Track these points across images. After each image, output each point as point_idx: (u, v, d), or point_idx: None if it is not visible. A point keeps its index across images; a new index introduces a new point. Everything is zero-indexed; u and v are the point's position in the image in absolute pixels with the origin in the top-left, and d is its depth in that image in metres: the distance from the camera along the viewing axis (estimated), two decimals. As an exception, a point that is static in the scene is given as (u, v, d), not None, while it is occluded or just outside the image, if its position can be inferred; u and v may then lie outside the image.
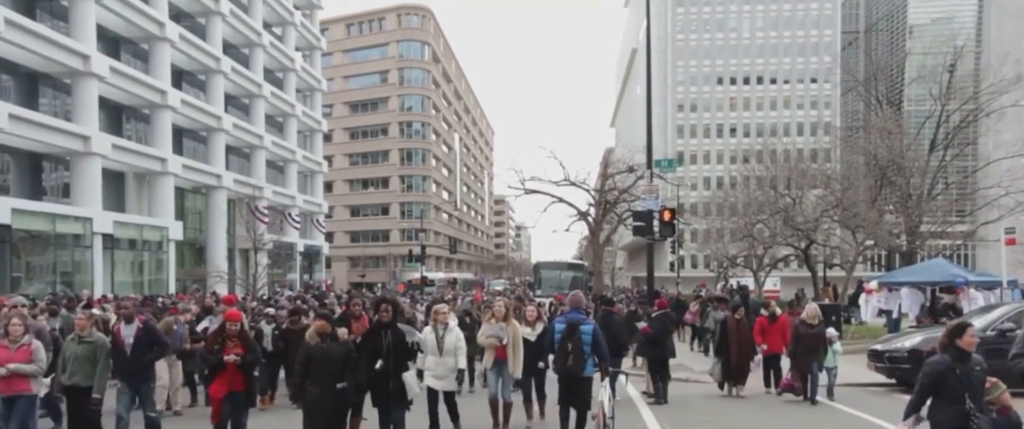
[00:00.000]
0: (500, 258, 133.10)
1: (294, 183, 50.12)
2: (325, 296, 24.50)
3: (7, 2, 26.87)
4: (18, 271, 26.68)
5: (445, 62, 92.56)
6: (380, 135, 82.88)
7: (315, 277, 53.50)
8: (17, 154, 28.38)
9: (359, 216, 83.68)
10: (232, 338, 7.46)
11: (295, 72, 50.42)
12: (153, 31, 33.94)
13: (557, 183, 37.41)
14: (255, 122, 44.45)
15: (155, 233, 34.37)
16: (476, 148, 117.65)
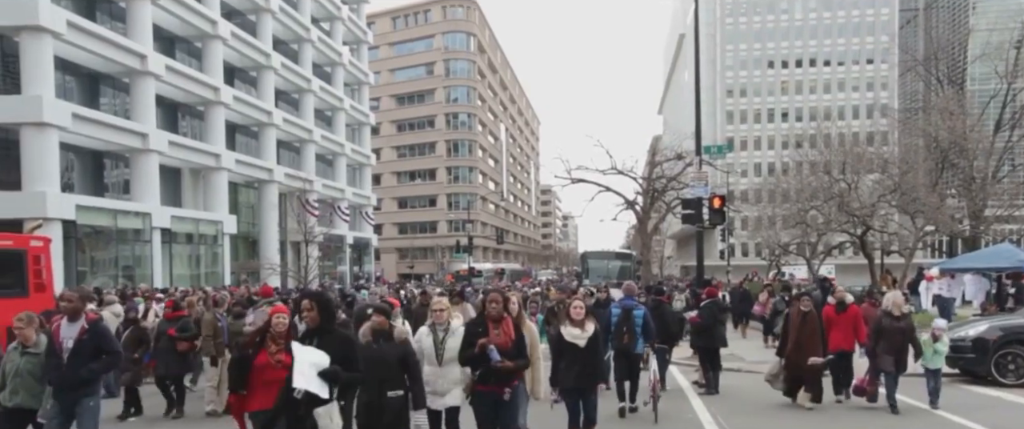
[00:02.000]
0: (547, 248, 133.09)
1: (343, 176, 50.87)
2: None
3: (70, 5, 27.87)
4: (83, 265, 27.71)
5: (490, 52, 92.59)
6: (427, 127, 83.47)
7: (364, 269, 54.31)
8: (80, 152, 29.45)
9: (407, 208, 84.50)
10: (278, 339, 5.57)
11: (343, 66, 51.09)
12: (206, 29, 34.76)
13: (604, 172, 37.10)
14: (305, 116, 45.22)
15: (210, 227, 35.31)
16: (522, 138, 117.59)
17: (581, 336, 6.87)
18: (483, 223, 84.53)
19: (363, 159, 55.66)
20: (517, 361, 6.01)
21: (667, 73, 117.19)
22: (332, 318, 5.39)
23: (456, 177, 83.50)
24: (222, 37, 35.50)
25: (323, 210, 43.97)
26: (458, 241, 59.31)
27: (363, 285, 24.10)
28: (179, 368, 10.35)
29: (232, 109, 36.68)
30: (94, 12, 30.10)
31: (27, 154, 25.16)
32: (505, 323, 6.10)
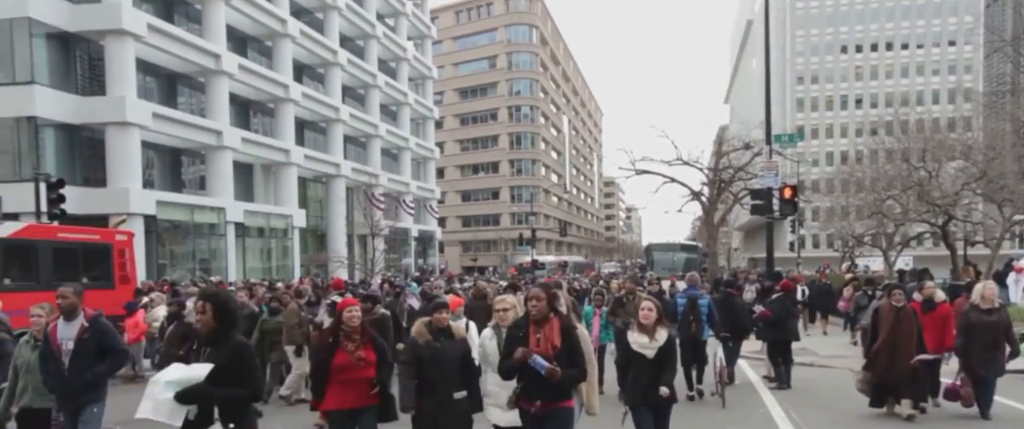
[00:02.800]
0: (611, 240, 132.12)
1: (408, 170, 51.58)
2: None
3: (150, 8, 29.10)
4: (163, 258, 28.95)
5: (553, 44, 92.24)
6: (490, 120, 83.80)
7: (429, 262, 54.99)
8: (160, 150, 30.74)
9: (470, 201, 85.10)
10: (353, 335, 5.25)
11: (407, 61, 51.76)
12: (276, 28, 35.73)
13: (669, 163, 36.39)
14: (370, 112, 46.03)
15: (281, 221, 36.37)
16: (585, 130, 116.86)
17: (649, 346, 5.75)
18: (546, 216, 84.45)
19: (427, 153, 56.30)
20: (563, 371, 4.74)
21: (734, 61, 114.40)
22: (231, 322, 4.37)
23: (519, 170, 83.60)
24: (291, 36, 36.43)
25: (388, 204, 44.73)
26: (521, 234, 59.45)
27: (422, 277, 24.17)
28: None
29: (301, 106, 37.64)
30: (172, 14, 31.34)
31: (111, 152, 26.41)
32: (549, 327, 4.91)
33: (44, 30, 25.07)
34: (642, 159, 37.23)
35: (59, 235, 14.13)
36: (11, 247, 12.81)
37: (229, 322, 4.37)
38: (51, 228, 15.06)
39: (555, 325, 4.95)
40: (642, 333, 5.83)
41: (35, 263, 13.02)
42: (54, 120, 25.31)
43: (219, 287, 17.57)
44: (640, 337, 5.83)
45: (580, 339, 5.35)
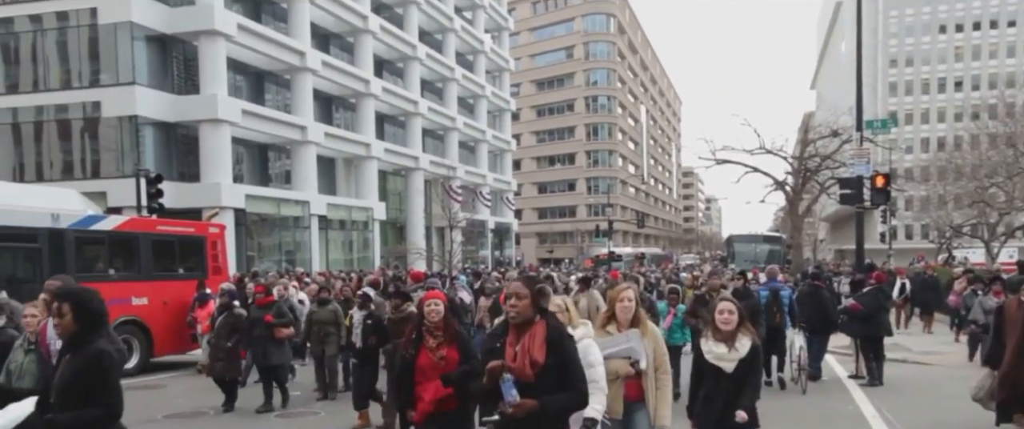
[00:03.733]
0: (689, 232, 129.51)
1: (485, 162, 51.96)
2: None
3: (239, 9, 30.31)
4: (251, 250, 30.17)
5: (631, 33, 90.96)
6: (566, 111, 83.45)
7: (505, 254, 55.29)
8: (248, 145, 32.02)
9: (546, 193, 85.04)
10: (436, 331, 4.69)
11: (484, 54, 52.10)
12: (358, 24, 36.58)
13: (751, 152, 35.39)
14: (448, 105, 46.58)
15: (362, 214, 37.32)
16: (663, 119, 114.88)
17: (728, 357, 4.62)
18: (623, 207, 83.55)
19: (504, 145, 56.57)
20: (546, 398, 3.39)
21: (821, 45, 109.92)
22: (94, 325, 3.64)
23: (596, 161, 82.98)
24: (372, 31, 37.22)
25: (466, 196, 45.17)
26: (598, 225, 59.04)
27: (482, 270, 23.88)
28: (279, 357, 9.55)
29: (381, 100, 38.44)
30: (260, 14, 32.55)
31: (205, 148, 27.69)
32: (531, 335, 3.51)
33: (144, 33, 26.51)
34: (723, 148, 36.06)
35: (158, 228, 14.85)
36: (116, 239, 13.55)
37: (92, 325, 3.64)
38: (151, 221, 15.85)
39: (539, 333, 3.49)
40: (719, 341, 4.69)
41: (136, 254, 13.73)
42: (153, 119, 26.74)
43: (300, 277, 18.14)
44: (716, 346, 4.69)
45: (649, 342, 4.65)
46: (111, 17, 25.73)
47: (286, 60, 31.36)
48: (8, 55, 27.47)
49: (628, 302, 4.70)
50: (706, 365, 4.75)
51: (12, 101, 27.03)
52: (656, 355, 4.75)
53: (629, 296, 4.72)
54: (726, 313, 4.74)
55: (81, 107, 26.63)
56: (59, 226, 12.23)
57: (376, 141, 37.82)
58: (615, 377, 4.53)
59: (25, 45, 27.23)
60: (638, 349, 4.63)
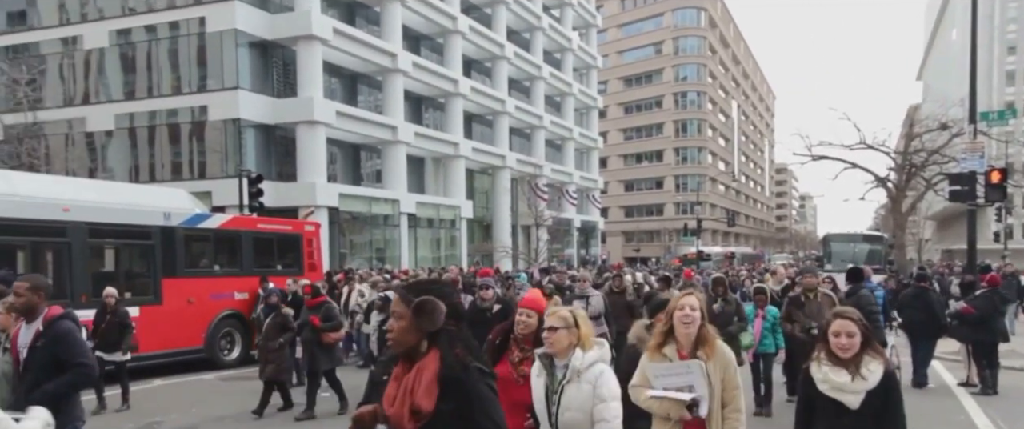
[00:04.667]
0: (782, 231, 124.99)
1: (571, 160, 51.82)
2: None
3: (335, 13, 31.41)
4: (344, 248, 31.18)
5: (722, 27, 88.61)
6: (654, 108, 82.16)
7: (591, 252, 54.95)
8: (342, 146, 33.12)
9: (633, 191, 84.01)
10: (523, 345, 4.03)
11: (572, 51, 51.95)
12: (448, 25, 37.20)
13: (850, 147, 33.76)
14: (535, 103, 46.71)
15: (449, 212, 37.93)
16: (755, 115, 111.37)
17: (851, 388, 3.42)
18: (712, 205, 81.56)
19: (590, 143, 56.25)
20: None
21: (929, 34, 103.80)
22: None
23: (684, 158, 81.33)
24: (461, 32, 37.77)
25: (552, 194, 45.18)
26: (686, 224, 57.87)
27: (549, 268, 22.65)
28: (327, 362, 9.10)
29: (469, 100, 38.96)
30: (354, 18, 33.60)
31: (301, 149, 28.83)
32: (418, 372, 2.46)
33: (247, 40, 27.86)
34: (820, 144, 34.49)
35: (259, 226, 15.57)
36: (220, 236, 14.30)
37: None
38: (252, 219, 16.64)
39: (428, 369, 2.43)
40: (837, 366, 3.47)
41: (239, 251, 14.45)
42: (254, 121, 28.05)
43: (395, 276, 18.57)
44: (834, 372, 3.46)
45: (717, 368, 3.68)
46: (218, 25, 27.18)
47: (378, 62, 32.26)
48: (126, 64, 29.42)
49: (691, 312, 3.72)
50: (820, 398, 3.52)
51: (129, 107, 28.96)
52: (725, 386, 3.70)
53: (692, 304, 3.75)
54: (844, 337, 3.44)
55: (189, 111, 28.24)
56: (170, 224, 13.01)
57: (464, 140, 38.36)
58: (666, 418, 3.71)
59: (141, 54, 29.11)
60: (700, 386, 3.63)
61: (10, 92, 26.77)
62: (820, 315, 7.35)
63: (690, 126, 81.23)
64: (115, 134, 29.24)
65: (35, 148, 25.88)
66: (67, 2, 29.94)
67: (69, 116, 29.08)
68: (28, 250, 11.70)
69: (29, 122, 25.83)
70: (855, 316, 3.56)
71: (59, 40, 29.72)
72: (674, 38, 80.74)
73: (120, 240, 12.72)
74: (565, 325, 3.55)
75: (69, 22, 29.77)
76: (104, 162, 29.37)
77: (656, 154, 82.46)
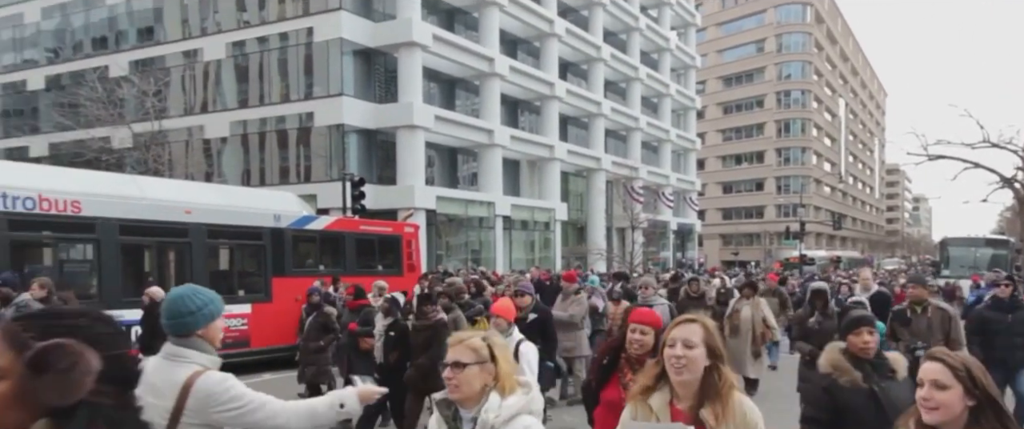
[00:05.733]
0: (892, 234, 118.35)
1: (668, 162, 51.00)
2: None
3: (434, 20, 32.22)
4: (440, 249, 31.89)
5: (829, 22, 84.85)
6: (755, 108, 79.63)
7: (687, 255, 53.87)
8: (439, 149, 33.89)
9: (732, 193, 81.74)
10: (636, 366, 3.36)
11: (670, 52, 51.13)
12: (544, 29, 37.41)
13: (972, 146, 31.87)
14: (631, 105, 46.26)
15: (544, 214, 38.11)
16: (865, 113, 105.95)
17: None
18: (816, 207, 78.17)
19: (688, 144, 55.18)
20: None
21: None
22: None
23: (787, 159, 78.41)
24: (558, 35, 37.89)
25: (647, 197, 44.64)
26: (788, 227, 55.70)
27: (622, 272, 19.23)
28: (363, 369, 7.95)
29: (565, 102, 39.02)
30: (453, 23, 34.34)
31: (401, 153, 29.71)
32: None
33: (351, 48, 28.99)
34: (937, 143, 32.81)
35: (361, 227, 16.20)
36: (325, 237, 14.97)
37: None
38: (355, 221, 17.32)
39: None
40: None
41: (342, 251, 15.10)
42: (357, 126, 29.13)
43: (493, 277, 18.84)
44: None
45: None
46: (325, 35, 28.42)
47: (476, 66, 32.82)
48: (240, 74, 31.20)
49: (686, 351, 2.51)
50: None
51: (242, 115, 30.69)
52: None
53: (688, 339, 2.53)
54: (929, 388, 2.13)
55: (297, 118, 29.65)
56: (280, 226, 13.70)
57: (559, 143, 38.46)
58: None
59: (253, 64, 30.80)
60: None
61: (139, 103, 28.88)
62: (929, 334, 6.42)
63: (793, 126, 78.26)
64: (229, 140, 31.05)
65: (160, 154, 27.75)
66: (190, 17, 32.05)
67: (189, 124, 31.09)
68: (154, 249, 12.66)
69: (155, 130, 27.78)
70: (956, 362, 2.12)
71: (181, 53, 31.85)
72: (777, 35, 77.99)
73: (234, 240, 13.50)
74: (476, 360, 2.38)
75: (190, 36, 31.83)
76: (219, 167, 31.19)
77: (756, 155, 79.95)
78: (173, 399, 2.44)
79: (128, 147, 28.11)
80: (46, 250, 11.43)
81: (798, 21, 77.91)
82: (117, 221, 11.10)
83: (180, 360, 2.54)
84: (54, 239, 10.91)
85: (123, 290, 11.28)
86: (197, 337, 2.59)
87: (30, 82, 35.62)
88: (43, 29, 35.64)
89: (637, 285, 9.84)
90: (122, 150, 28.19)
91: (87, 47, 34.50)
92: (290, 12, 29.68)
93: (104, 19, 34.11)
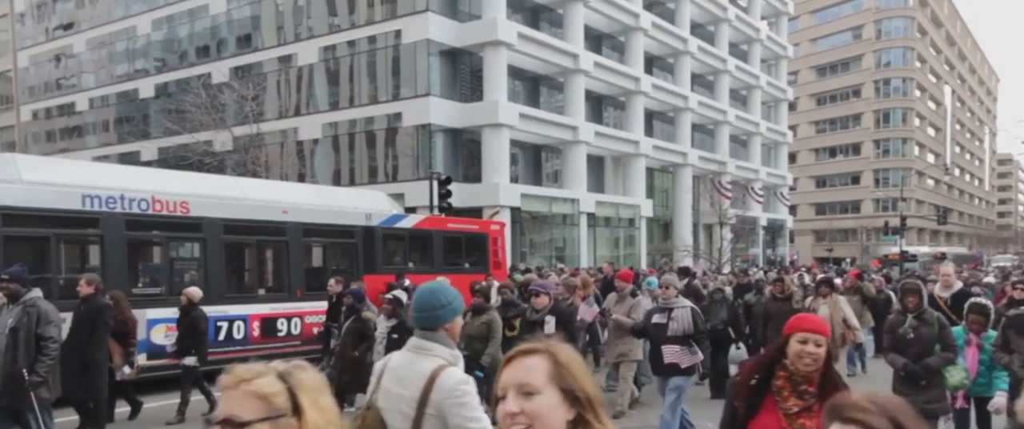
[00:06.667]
0: (1004, 229, 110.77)
1: (757, 156, 49.52)
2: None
3: (519, 18, 32.39)
4: (524, 247, 32.02)
5: (934, 5, 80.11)
6: (851, 98, 76.12)
7: (777, 252, 52.22)
8: (524, 147, 34.04)
9: (826, 187, 78.49)
10: (801, 386, 2.73)
11: (760, 42, 49.57)
12: (629, 23, 36.95)
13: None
14: (719, 98, 45.13)
15: (629, 211, 37.68)
16: (974, 100, 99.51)
17: None
18: (918, 201, 74.11)
19: (779, 137, 53.39)
20: None
21: None
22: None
23: (885, 151, 74.62)
24: (643, 28, 37.34)
25: (736, 192, 43.51)
26: (887, 222, 53.00)
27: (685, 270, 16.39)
28: None
29: (650, 97, 38.44)
30: (538, 21, 34.41)
31: (486, 151, 30.02)
32: None
33: (438, 48, 29.50)
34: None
35: (448, 225, 16.49)
36: (414, 235, 15.31)
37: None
38: (442, 219, 17.63)
39: None
40: None
41: (430, 249, 15.40)
42: (443, 126, 29.63)
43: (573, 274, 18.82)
44: None
45: None
46: (412, 37, 29.04)
47: (560, 63, 32.77)
48: (330, 77, 32.26)
49: (521, 406, 1.55)
50: None
51: (333, 117, 31.73)
52: None
53: (525, 383, 1.58)
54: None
55: (385, 118, 30.41)
56: (371, 224, 14.08)
57: (644, 138, 37.93)
58: None
59: (343, 67, 31.78)
60: None
61: (238, 107, 30.35)
62: None
63: (893, 115, 74.37)
64: (321, 141, 32.16)
65: (257, 156, 29.07)
66: (284, 24, 33.37)
67: (284, 127, 32.36)
68: (254, 247, 13.25)
69: (253, 133, 29.11)
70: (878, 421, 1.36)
71: (277, 59, 33.19)
72: (876, 21, 74.25)
73: (328, 239, 13.94)
74: (266, 414, 1.46)
75: (285, 42, 33.12)
76: (312, 167, 32.34)
77: (852, 147, 76.49)
78: (419, 390, 2.51)
79: (228, 150, 29.55)
80: (156, 248, 12.09)
81: (899, 5, 73.95)
82: (221, 221, 11.68)
83: (426, 353, 2.62)
84: (164, 238, 11.55)
85: (227, 287, 11.86)
86: (443, 331, 2.67)
87: (141, 90, 37.99)
88: (153, 40, 37.90)
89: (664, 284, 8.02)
90: (223, 153, 29.65)
91: (191, 56, 36.47)
92: (379, 16, 30.45)
93: (207, 28, 35.96)
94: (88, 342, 7.11)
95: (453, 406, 2.48)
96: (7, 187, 9.55)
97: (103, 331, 7.28)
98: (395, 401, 2.53)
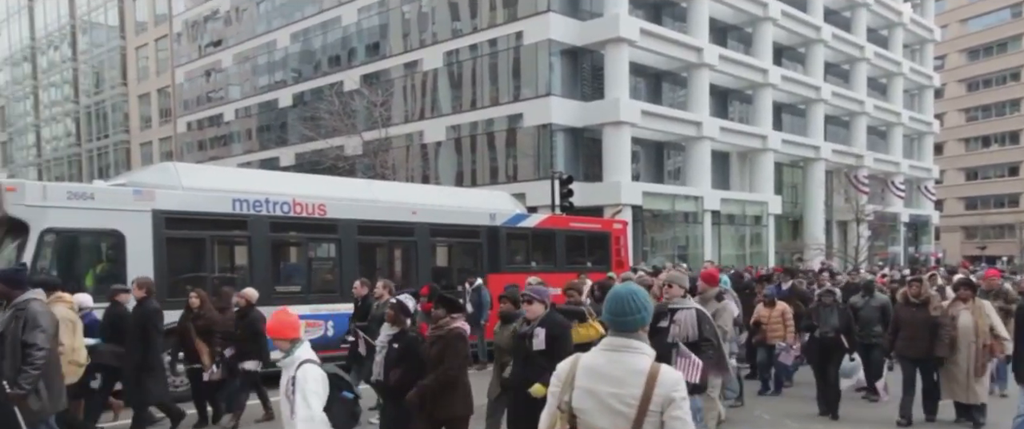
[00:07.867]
0: None
1: (898, 148, 46.31)
2: None
3: (641, 14, 31.97)
4: (646, 246, 31.50)
5: (1104, -24, 71.83)
6: (1008, 82, 69.51)
7: (921, 250, 48.64)
8: (645, 144, 33.52)
9: (977, 179, 72.09)
10: None
11: (902, 26, 46.35)
12: (757, 13, 35.56)
13: None
14: (855, 87, 42.58)
15: (755, 208, 36.26)
16: None
17: None
18: (1089, 194, 66.68)
19: (923, 127, 49.67)
20: None
21: None
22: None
23: (1049, 139, 67.67)
24: (772, 18, 35.82)
25: (874, 186, 40.92)
26: (1052, 218, 48.15)
27: (778, 273, 14.34)
28: None
29: (779, 89, 36.81)
30: (660, 16, 33.81)
31: (607, 149, 29.80)
32: None
33: (559, 48, 29.59)
34: None
35: (571, 225, 16.51)
36: (537, 235, 15.44)
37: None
38: (565, 219, 17.68)
39: None
40: None
41: (553, 248, 15.48)
42: (564, 125, 29.67)
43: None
44: None
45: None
46: (533, 37, 29.28)
47: (683, 58, 32.02)
48: (453, 81, 33.09)
49: None
50: None
51: (455, 119, 32.53)
52: None
53: None
54: None
55: (506, 119, 30.83)
56: (495, 224, 14.34)
57: (773, 132, 36.36)
58: None
59: (466, 71, 32.49)
60: None
61: (368, 113, 31.77)
62: None
63: (1058, 100, 67.34)
64: (444, 144, 33.06)
65: (385, 160, 30.31)
66: (410, 32, 34.58)
67: (410, 130, 33.49)
68: (385, 247, 13.82)
69: (381, 137, 30.38)
70: None
71: (403, 65, 34.45)
72: (1037, -4, 67.48)
73: (454, 239, 14.34)
74: None
75: (411, 49, 34.28)
76: (436, 169, 33.30)
77: (1009, 136, 69.82)
78: (640, 387, 2.50)
79: (358, 154, 30.98)
80: (295, 248, 12.86)
81: (1065, -22, 66.81)
82: (355, 222, 12.29)
83: (633, 350, 2.60)
84: (303, 239, 12.29)
85: (361, 286, 12.42)
86: (641, 332, 2.70)
87: (281, 100, 40.56)
88: (290, 52, 40.36)
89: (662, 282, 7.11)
90: (354, 157, 31.13)
91: (325, 65, 38.51)
92: (500, 18, 30.92)
93: (338, 39, 37.86)
94: (144, 347, 7.17)
95: (671, 404, 2.48)
96: (169, 193, 10.47)
97: (154, 335, 7.27)
98: (605, 400, 2.51)
